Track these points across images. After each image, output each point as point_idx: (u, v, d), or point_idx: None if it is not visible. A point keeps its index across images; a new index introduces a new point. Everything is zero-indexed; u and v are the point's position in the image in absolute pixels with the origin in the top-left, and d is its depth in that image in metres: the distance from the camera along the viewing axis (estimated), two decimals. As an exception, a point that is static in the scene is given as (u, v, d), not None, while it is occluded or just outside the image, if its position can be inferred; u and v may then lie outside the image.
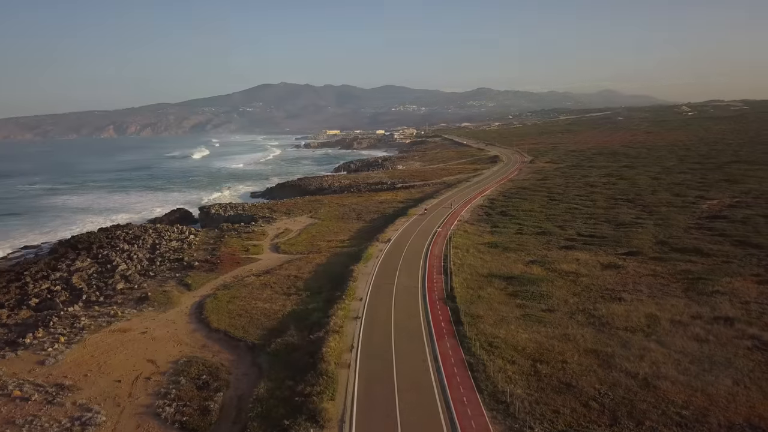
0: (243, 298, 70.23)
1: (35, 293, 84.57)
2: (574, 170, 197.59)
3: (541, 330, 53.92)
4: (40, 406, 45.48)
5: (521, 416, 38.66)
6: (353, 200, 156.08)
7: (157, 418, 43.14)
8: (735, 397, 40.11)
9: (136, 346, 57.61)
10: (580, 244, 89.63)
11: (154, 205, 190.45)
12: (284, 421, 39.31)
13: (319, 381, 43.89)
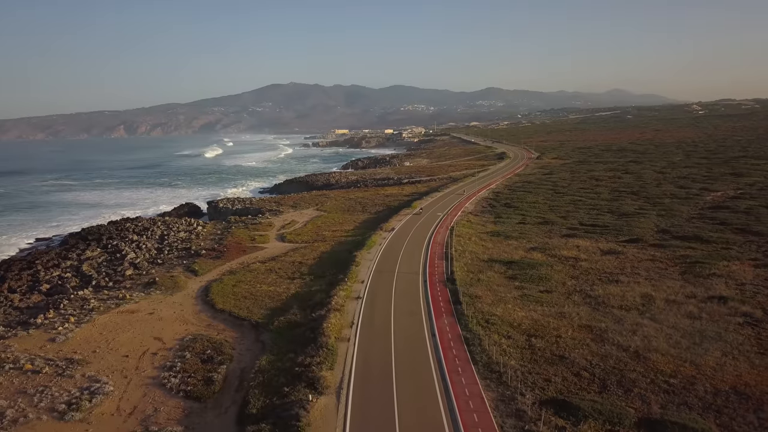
0: (248, 282, 71.73)
1: (46, 280, 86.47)
2: (580, 165, 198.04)
3: (538, 309, 55.09)
4: (51, 377, 47.12)
5: (513, 384, 39.86)
6: (359, 194, 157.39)
7: (163, 387, 44.71)
8: (723, 368, 41.15)
9: (144, 325, 59.23)
10: (582, 232, 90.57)
11: (165, 201, 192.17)
12: (284, 388, 40.76)
13: (319, 353, 45.34)
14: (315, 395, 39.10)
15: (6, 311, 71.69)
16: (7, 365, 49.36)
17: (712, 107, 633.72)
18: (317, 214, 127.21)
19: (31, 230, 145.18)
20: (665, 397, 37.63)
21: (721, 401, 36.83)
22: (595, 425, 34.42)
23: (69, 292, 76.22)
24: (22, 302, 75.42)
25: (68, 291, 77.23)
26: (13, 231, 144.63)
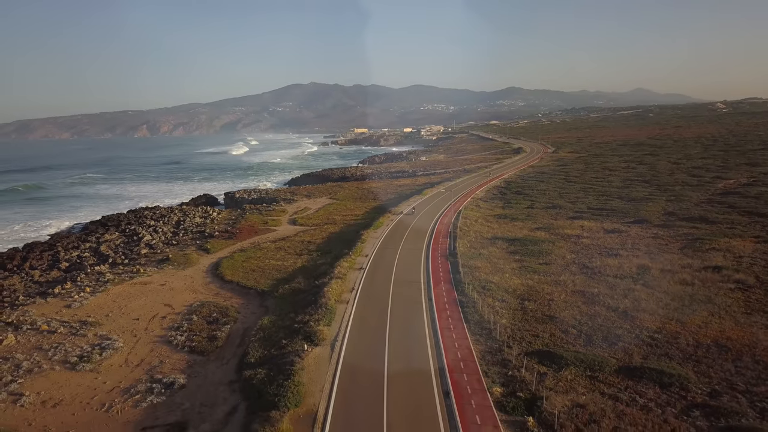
0: (257, 258, 73.91)
1: (66, 259, 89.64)
2: (595, 158, 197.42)
3: (534, 277, 56.33)
4: (65, 336, 49.66)
5: (502, 338, 41.29)
6: (373, 185, 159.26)
7: (169, 344, 46.96)
8: (708, 325, 42.12)
9: (155, 294, 61.68)
10: (588, 215, 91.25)
11: (188, 194, 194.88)
12: (282, 341, 42.74)
13: (318, 311, 47.29)
14: (311, 346, 41.00)
15: (27, 285, 74.87)
16: (25, 326, 52.06)
17: (737, 105, 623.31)
18: (330, 202, 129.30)
19: (55, 219, 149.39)
20: (648, 350, 38.81)
21: (702, 353, 37.90)
22: (576, 371, 35.76)
23: (86, 268, 79.12)
24: (42, 277, 78.58)
25: (86, 268, 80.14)
26: (37, 219, 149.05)
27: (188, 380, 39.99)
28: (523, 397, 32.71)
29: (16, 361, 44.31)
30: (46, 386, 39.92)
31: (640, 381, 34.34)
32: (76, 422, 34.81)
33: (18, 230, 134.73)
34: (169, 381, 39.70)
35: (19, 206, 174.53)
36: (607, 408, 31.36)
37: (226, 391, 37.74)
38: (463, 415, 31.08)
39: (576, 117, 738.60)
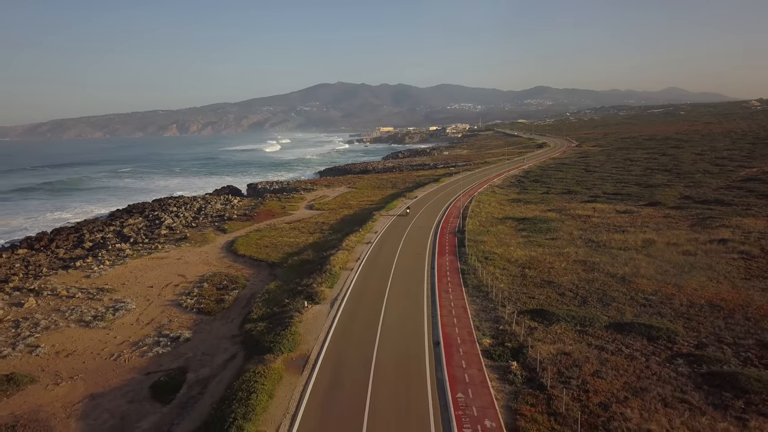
0: (271, 236, 75.70)
1: (90, 240, 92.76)
2: (618, 151, 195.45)
3: (538, 250, 56.84)
4: (82, 300, 51.93)
5: (497, 299, 42.07)
6: (392, 176, 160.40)
7: (179, 307, 48.84)
8: (704, 288, 42.29)
9: (170, 267, 63.81)
10: (603, 199, 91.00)
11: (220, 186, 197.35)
12: (285, 300, 44.20)
13: (322, 276, 48.73)
14: (311, 303, 42.40)
15: (51, 261, 77.81)
16: (46, 292, 54.54)
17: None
18: (348, 190, 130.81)
19: (84, 208, 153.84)
20: (641, 309, 39.23)
21: (694, 311, 38.18)
22: (566, 326, 36.43)
23: (108, 246, 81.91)
24: (66, 254, 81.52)
25: (108, 246, 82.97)
26: (68, 209, 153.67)
27: (193, 335, 41.72)
28: (510, 347, 33.53)
29: (35, 320, 46.58)
30: (60, 340, 42.00)
31: (629, 335, 34.85)
32: (86, 369, 36.69)
33: (49, 217, 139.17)
34: (175, 336, 41.48)
35: (54, 197, 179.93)
36: (591, 355, 32.03)
37: (227, 343, 39.32)
38: (450, 359, 32.06)
39: (604, 115, 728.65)
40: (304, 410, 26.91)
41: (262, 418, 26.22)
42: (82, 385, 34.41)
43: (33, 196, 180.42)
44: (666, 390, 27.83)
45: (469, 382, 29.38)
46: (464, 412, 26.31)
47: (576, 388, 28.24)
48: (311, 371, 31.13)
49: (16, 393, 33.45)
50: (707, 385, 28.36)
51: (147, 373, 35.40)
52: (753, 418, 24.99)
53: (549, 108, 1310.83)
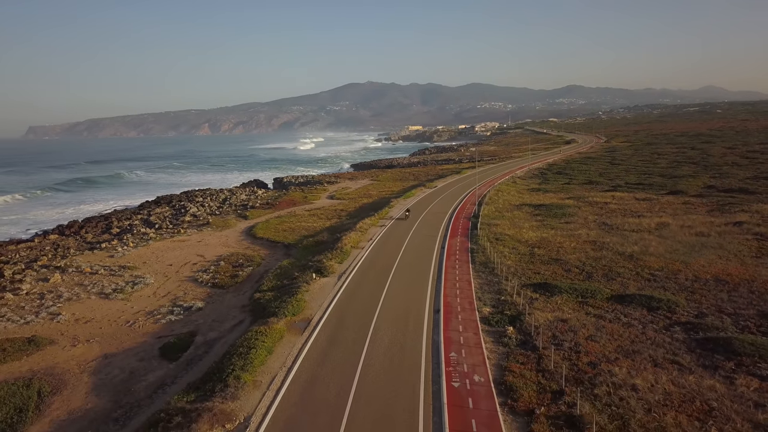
0: (290, 222, 77.16)
1: (117, 226, 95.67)
2: (647, 146, 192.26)
3: (550, 232, 56.93)
4: (104, 276, 53.96)
5: (503, 274, 42.47)
6: (416, 170, 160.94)
7: (195, 282, 50.43)
8: (712, 265, 42.03)
9: (191, 248, 65.67)
10: (624, 189, 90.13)
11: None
12: (295, 273, 45.37)
13: (333, 253, 49.78)
14: (319, 276, 43.44)
15: (79, 244, 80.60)
16: (71, 269, 56.79)
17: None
18: (370, 182, 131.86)
19: (117, 201, 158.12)
20: (645, 284, 39.24)
21: (699, 285, 38.05)
22: (567, 297, 36.72)
23: (134, 230, 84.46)
24: (94, 239, 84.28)
25: (133, 231, 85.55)
26: (101, 201, 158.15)
27: (206, 305, 43.17)
28: (509, 314, 34.00)
29: (59, 293, 48.64)
30: (80, 309, 43.86)
31: (629, 305, 34.98)
32: (102, 333, 38.35)
33: (83, 209, 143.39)
34: (188, 306, 42.99)
35: (88, 191, 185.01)
36: (588, 323, 32.32)
37: (237, 312, 40.62)
38: (448, 324, 32.72)
39: (638, 113, 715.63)
40: (301, 363, 27.90)
41: (260, 369, 27.29)
42: (97, 346, 36.03)
43: (70, 189, 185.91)
44: (658, 352, 28.03)
45: (464, 343, 29.99)
46: (455, 368, 26.96)
47: (568, 349, 28.63)
48: (311, 332, 32.14)
49: (36, 353, 35.20)
50: (700, 349, 28.48)
51: (158, 337, 36.88)
52: (741, 377, 25.09)
53: (581, 107, 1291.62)
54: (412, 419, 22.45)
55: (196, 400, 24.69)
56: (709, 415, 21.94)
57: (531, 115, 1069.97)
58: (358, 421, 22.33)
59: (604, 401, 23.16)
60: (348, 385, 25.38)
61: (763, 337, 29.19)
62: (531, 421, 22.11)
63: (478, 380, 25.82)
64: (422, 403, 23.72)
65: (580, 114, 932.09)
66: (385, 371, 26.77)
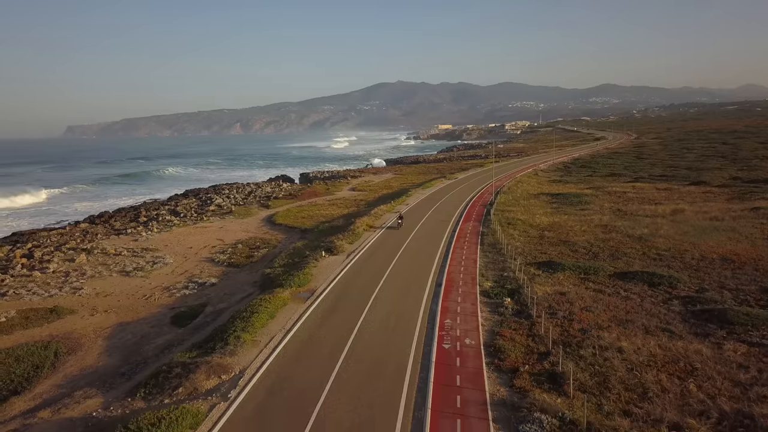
0: (310, 210, 78.60)
1: (145, 215, 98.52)
2: (677, 142, 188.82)
3: (563, 217, 57.04)
4: (127, 257, 56.04)
5: (509, 254, 42.91)
6: (440, 165, 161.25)
7: (212, 262, 52.07)
8: (720, 246, 41.80)
9: (212, 233, 67.58)
10: (646, 180, 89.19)
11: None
12: (306, 252, 46.54)
13: (345, 234, 50.86)
14: (329, 254, 44.53)
15: (107, 230, 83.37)
16: (96, 251, 59.06)
17: None
18: (393, 176, 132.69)
19: (149, 195, 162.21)
20: (650, 262, 39.29)
21: (704, 264, 37.97)
22: (569, 274, 37.06)
23: (159, 219, 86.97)
24: (121, 226, 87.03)
25: (159, 219, 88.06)
26: (136, 195, 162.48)
27: (219, 281, 44.70)
28: (509, 288, 34.54)
29: (83, 271, 50.75)
30: (102, 285, 45.79)
31: (631, 281, 35.16)
32: (119, 306, 40.08)
33: (113, 201, 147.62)
34: (203, 282, 44.58)
35: (124, 185, 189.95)
36: (586, 296, 32.68)
37: (248, 286, 41.97)
38: (447, 295, 33.45)
39: (673, 112, 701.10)
40: (300, 326, 28.98)
41: (260, 331, 28.44)
42: (114, 316, 37.74)
43: (106, 184, 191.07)
44: (651, 322, 28.30)
45: (460, 312, 30.67)
46: (448, 333, 27.69)
47: (561, 318, 29.10)
48: (314, 301, 33.20)
49: (56, 321, 37.06)
50: (695, 319, 28.63)
51: (172, 308, 38.42)
52: (730, 344, 25.24)
53: (615, 106, 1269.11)
54: (400, 374, 23.27)
55: (197, 356, 25.95)
56: (690, 374, 22.25)
57: (563, 114, 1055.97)
58: (347, 375, 23.26)
59: (588, 361, 23.65)
60: (342, 345, 26.35)
61: (760, 309, 29.15)
62: (514, 377, 22.73)
63: (469, 343, 26.50)
64: (411, 361, 24.52)
65: (614, 113, 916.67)
66: (379, 334, 27.67)
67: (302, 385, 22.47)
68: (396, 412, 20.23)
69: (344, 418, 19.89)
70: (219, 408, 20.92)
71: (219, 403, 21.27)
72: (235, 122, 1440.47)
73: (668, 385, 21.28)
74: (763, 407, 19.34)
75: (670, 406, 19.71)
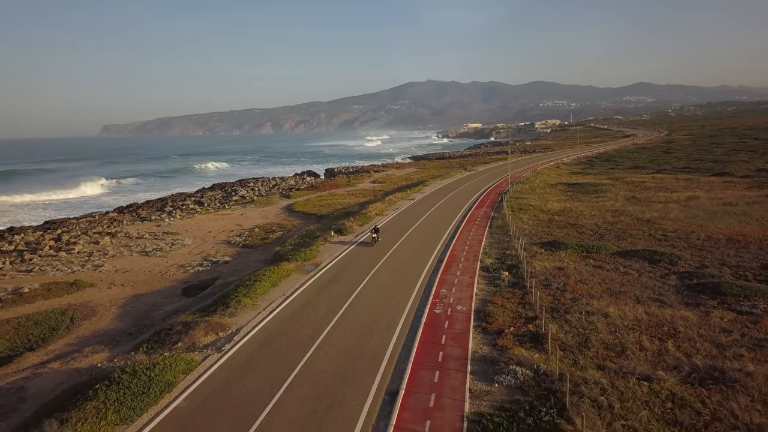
0: (328, 199, 79.91)
1: (171, 205, 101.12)
2: (708, 138, 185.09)
3: (576, 203, 57.05)
4: (148, 240, 58.04)
5: (515, 235, 43.33)
6: (464, 160, 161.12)
7: (228, 243, 53.65)
8: (728, 228, 41.60)
9: (232, 219, 69.35)
10: (669, 171, 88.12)
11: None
12: (316, 233, 47.66)
13: (356, 217, 52.00)
14: (338, 234, 45.58)
15: (133, 218, 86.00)
16: (120, 235, 61.32)
17: None
18: (416, 170, 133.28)
19: (179, 189, 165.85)
20: (654, 242, 39.31)
21: (709, 244, 37.89)
22: (571, 252, 37.40)
23: (183, 207, 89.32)
24: (146, 214, 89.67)
25: (183, 207, 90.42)
26: (169, 189, 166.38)
27: (233, 260, 46.17)
28: (508, 263, 35.07)
29: (106, 251, 52.85)
30: (122, 263, 47.66)
31: (632, 259, 35.34)
32: (136, 280, 41.78)
33: (143, 195, 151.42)
34: (216, 260, 46.12)
35: (158, 181, 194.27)
36: (584, 270, 33.05)
37: (258, 263, 43.23)
38: (447, 269, 34.19)
39: (709, 110, 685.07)
40: (299, 293, 30.09)
41: (261, 297, 29.64)
42: (130, 289, 39.41)
43: (158, 177, 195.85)
44: (644, 293, 28.60)
45: (457, 284, 31.38)
46: (441, 300, 28.46)
47: (555, 289, 29.57)
48: (317, 272, 34.29)
49: (76, 292, 38.90)
50: (688, 291, 28.80)
51: (185, 282, 39.93)
52: (718, 312, 25.44)
53: (649, 105, 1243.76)
54: (388, 333, 24.15)
55: (199, 317, 27.22)
56: (672, 336, 22.60)
57: (595, 113, 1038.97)
58: (338, 333, 24.23)
59: (573, 324, 24.17)
60: (337, 308, 27.34)
61: (757, 283, 29.16)
62: (498, 338, 23.38)
63: (460, 309, 27.22)
64: (401, 323, 25.37)
65: (648, 112, 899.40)
66: (375, 300, 28.57)
67: (293, 340, 23.53)
68: (379, 364, 21.11)
69: (328, 368, 20.85)
70: (212, 358, 22.10)
71: (212, 354, 22.46)
72: (266, 121, 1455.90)
73: (647, 345, 21.69)
74: (736, 363, 19.65)
75: (645, 362, 20.16)
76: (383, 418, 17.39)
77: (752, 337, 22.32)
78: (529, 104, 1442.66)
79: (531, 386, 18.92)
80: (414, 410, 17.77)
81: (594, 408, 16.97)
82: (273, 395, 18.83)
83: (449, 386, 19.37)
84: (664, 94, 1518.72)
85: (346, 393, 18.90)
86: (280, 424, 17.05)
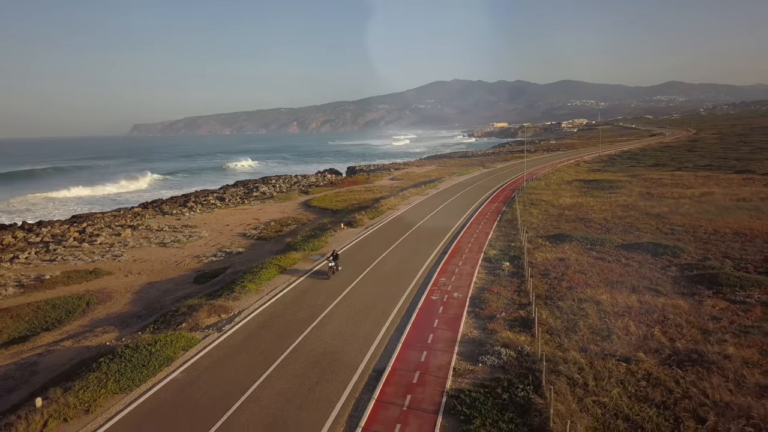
0: (345, 195, 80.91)
1: (193, 201, 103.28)
2: (736, 137, 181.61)
3: (588, 199, 57.07)
4: (167, 232, 59.70)
5: (522, 228, 43.72)
6: (485, 158, 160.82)
7: (243, 236, 54.97)
8: (738, 222, 41.44)
9: (250, 213, 70.83)
10: (690, 169, 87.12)
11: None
12: (327, 225, 48.65)
13: (368, 211, 52.87)
14: (348, 226, 46.53)
15: (155, 212, 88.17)
16: (141, 227, 63.14)
17: None
18: (436, 168, 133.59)
19: (204, 186, 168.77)
20: (661, 236, 39.36)
21: (715, 238, 37.86)
22: (576, 244, 37.71)
23: (204, 202, 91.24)
24: (168, 209, 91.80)
25: (203, 202, 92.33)
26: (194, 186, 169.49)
27: (246, 251, 47.40)
28: (511, 255, 35.56)
29: (126, 243, 54.62)
30: (140, 253, 49.29)
31: (635, 251, 35.51)
32: (152, 269, 43.27)
33: (167, 192, 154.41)
34: (230, 251, 47.41)
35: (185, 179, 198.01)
36: (585, 261, 33.38)
37: (270, 254, 44.34)
38: (450, 260, 34.86)
39: (743, 109, 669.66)
40: (302, 280, 31.05)
41: (266, 283, 30.71)
42: (146, 277, 40.87)
43: (175, 178, 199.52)
44: (641, 283, 28.88)
45: (458, 273, 32.03)
46: (439, 288, 29.16)
47: (553, 278, 30.01)
48: (322, 261, 35.20)
49: (94, 279, 40.52)
50: (685, 282, 28.99)
51: (198, 271, 41.26)
52: (711, 300, 25.65)
53: (681, 104, 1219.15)
54: (383, 317, 24.97)
55: (204, 301, 28.36)
56: (659, 323, 22.95)
57: (624, 112, 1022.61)
58: (334, 316, 25.13)
59: (564, 310, 24.65)
60: (337, 294, 28.24)
61: (755, 275, 29.21)
62: (489, 322, 24.01)
63: (457, 296, 27.89)
64: (397, 308, 26.16)
65: (679, 111, 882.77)
66: (374, 287, 29.40)
67: (291, 322, 24.50)
68: (370, 344, 21.94)
69: (320, 347, 21.74)
70: (212, 336, 23.18)
71: (213, 333, 23.53)
72: (292, 121, 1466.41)
73: (634, 330, 22.11)
74: (717, 347, 19.99)
75: (628, 346, 20.61)
76: (367, 392, 18.22)
77: (740, 324, 22.59)
78: (557, 103, 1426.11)
79: (513, 366, 19.57)
80: (398, 385, 18.57)
81: (569, 385, 17.54)
82: (266, 369, 19.82)
83: (435, 365, 20.11)
84: (696, 93, 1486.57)
85: (336, 369, 19.79)
86: (270, 394, 18.03)
